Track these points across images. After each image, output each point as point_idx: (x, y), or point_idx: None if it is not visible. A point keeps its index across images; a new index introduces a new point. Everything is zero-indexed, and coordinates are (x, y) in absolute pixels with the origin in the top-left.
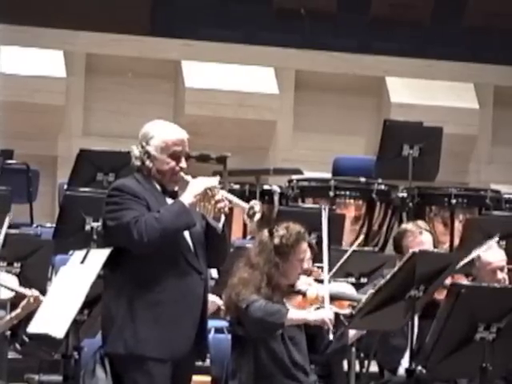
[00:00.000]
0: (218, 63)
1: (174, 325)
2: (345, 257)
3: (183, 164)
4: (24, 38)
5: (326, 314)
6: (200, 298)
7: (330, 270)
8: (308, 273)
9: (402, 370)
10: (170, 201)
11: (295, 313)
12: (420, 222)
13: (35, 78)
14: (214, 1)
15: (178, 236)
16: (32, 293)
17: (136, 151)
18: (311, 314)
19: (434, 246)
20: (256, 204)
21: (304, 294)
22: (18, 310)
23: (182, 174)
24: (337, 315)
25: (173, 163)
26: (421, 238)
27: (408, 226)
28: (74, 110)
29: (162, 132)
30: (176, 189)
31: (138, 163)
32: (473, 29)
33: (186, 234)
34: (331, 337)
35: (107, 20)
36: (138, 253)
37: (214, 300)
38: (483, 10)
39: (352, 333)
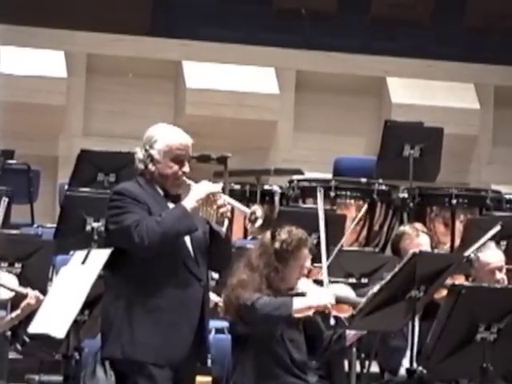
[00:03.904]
0: (219, 63)
1: (172, 330)
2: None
3: (186, 168)
4: (24, 38)
5: (328, 298)
6: (198, 305)
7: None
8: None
9: (402, 371)
10: (172, 205)
11: (299, 302)
12: (417, 224)
13: (36, 78)
14: (214, 1)
15: (179, 241)
16: (32, 292)
17: (140, 154)
18: (313, 300)
19: (432, 248)
20: (258, 209)
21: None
22: (19, 311)
23: (184, 178)
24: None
25: (176, 167)
26: (418, 240)
27: (405, 228)
28: (75, 110)
29: (166, 136)
30: (180, 193)
31: (141, 166)
32: (473, 29)
33: (187, 239)
34: (332, 321)
35: (107, 20)
36: (139, 256)
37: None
38: (483, 10)
39: (351, 333)
